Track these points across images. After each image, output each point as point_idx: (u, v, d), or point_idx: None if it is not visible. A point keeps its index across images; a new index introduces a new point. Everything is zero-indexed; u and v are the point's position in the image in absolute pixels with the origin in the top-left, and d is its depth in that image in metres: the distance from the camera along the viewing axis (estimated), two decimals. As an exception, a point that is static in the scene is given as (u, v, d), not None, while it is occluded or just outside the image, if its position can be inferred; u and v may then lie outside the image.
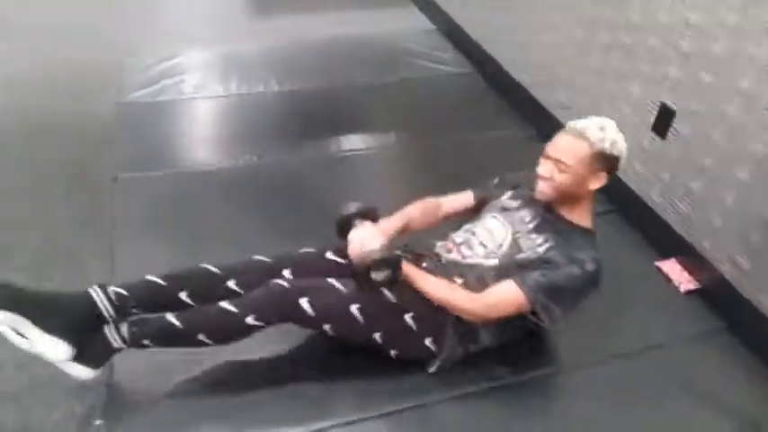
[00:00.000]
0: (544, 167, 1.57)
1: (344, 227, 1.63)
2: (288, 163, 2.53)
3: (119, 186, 2.31)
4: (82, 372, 1.45)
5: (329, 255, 1.67)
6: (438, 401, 1.61)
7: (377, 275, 1.48)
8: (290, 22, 3.90)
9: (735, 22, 1.81)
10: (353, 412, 1.57)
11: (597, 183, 1.57)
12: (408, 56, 3.48)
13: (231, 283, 1.56)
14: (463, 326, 1.58)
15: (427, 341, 1.59)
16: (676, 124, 2.08)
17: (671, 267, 2.12)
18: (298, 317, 1.49)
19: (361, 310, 1.51)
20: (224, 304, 1.47)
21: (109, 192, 2.27)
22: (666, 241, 2.16)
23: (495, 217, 1.70)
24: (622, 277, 2.08)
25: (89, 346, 1.44)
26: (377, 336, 1.55)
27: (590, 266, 1.51)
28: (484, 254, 1.63)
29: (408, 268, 1.55)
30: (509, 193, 1.76)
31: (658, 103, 2.14)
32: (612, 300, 1.98)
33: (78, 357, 1.42)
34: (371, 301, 1.52)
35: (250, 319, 1.46)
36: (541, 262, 1.54)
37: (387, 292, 1.54)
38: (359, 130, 2.80)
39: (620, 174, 2.31)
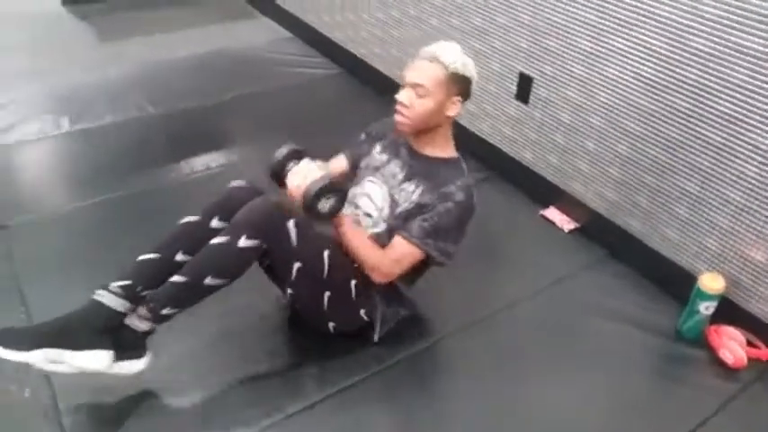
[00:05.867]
0: (403, 94, 1.61)
1: (280, 170, 1.66)
2: (158, 188, 2.48)
3: (8, 235, 2.18)
4: (131, 367, 1.51)
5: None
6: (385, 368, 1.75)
7: (323, 205, 1.51)
8: (141, 46, 3.80)
9: (568, -5, 2.13)
10: (315, 393, 1.66)
11: (454, 108, 1.62)
12: (274, 65, 3.56)
13: (215, 223, 1.61)
14: (385, 291, 1.71)
15: (362, 312, 1.72)
16: (535, 89, 2.39)
17: (552, 213, 2.42)
18: (278, 240, 1.52)
19: (330, 257, 1.59)
20: (214, 239, 1.50)
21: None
22: (544, 192, 2.47)
23: (371, 180, 1.76)
24: (513, 232, 2.38)
25: (123, 344, 1.49)
26: (326, 296, 1.63)
27: (459, 196, 1.60)
28: (372, 223, 1.72)
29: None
30: (378, 147, 1.80)
31: (517, 74, 2.43)
32: (508, 252, 2.28)
33: (120, 357, 1.48)
34: (338, 253, 1.61)
35: (243, 242, 1.47)
36: (419, 208, 1.62)
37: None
38: (240, 143, 2.83)
39: (493, 140, 2.63)
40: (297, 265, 1.57)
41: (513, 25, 2.38)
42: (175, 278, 1.49)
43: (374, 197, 1.73)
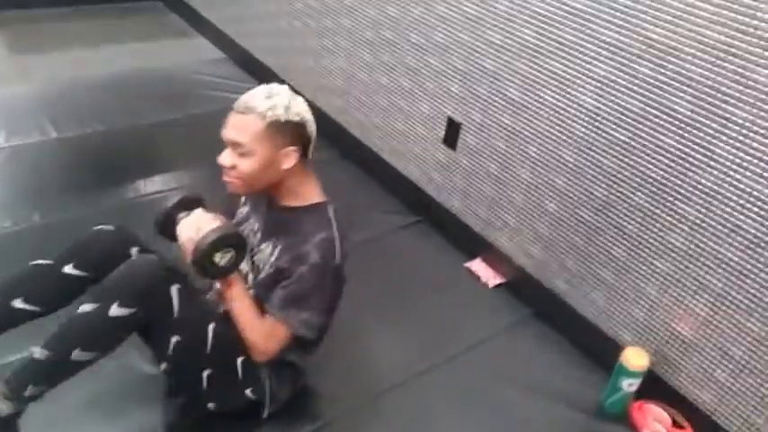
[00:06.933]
0: (224, 156, 1.38)
1: (168, 223, 1.45)
2: (78, 217, 2.25)
3: None
4: None
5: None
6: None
7: (221, 258, 1.32)
8: (59, 60, 3.52)
9: (499, 41, 2.01)
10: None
11: (289, 160, 1.38)
12: (200, 87, 3.34)
13: (68, 269, 1.43)
14: (275, 365, 1.50)
15: (248, 391, 1.49)
16: (463, 136, 2.25)
17: (478, 266, 2.28)
18: (157, 308, 1.31)
19: (215, 331, 1.37)
20: (82, 307, 1.29)
21: None
22: (470, 243, 2.33)
23: None
24: (435, 285, 2.22)
25: None
26: (205, 375, 1.41)
27: (314, 257, 1.36)
28: None
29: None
30: (243, 198, 1.61)
31: (446, 118, 2.29)
32: (428, 306, 2.11)
33: None
34: (227, 327, 1.40)
35: (115, 310, 1.26)
36: (278, 273, 1.40)
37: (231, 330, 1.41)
38: (155, 172, 2.60)
39: (422, 184, 2.48)
40: (175, 338, 1.35)
41: (445, 68, 2.25)
42: (38, 353, 1.27)
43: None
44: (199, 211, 1.43)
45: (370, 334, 1.94)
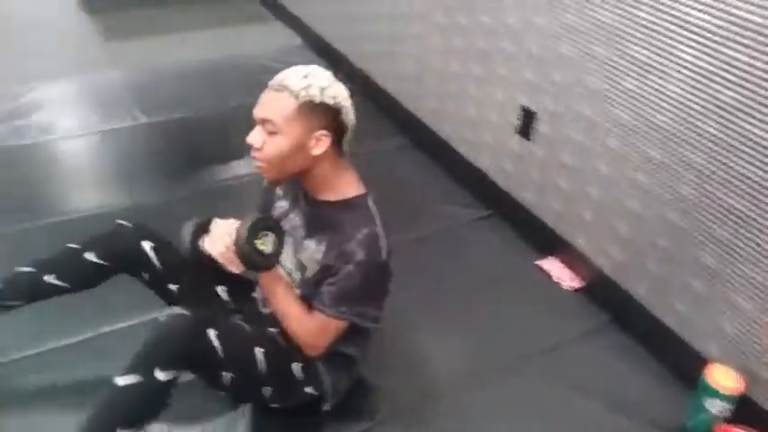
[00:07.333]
0: (253, 134, 1.31)
1: (198, 252, 1.42)
2: (167, 200, 2.34)
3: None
4: None
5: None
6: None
7: (263, 244, 1.28)
8: (150, 47, 3.66)
9: (574, 23, 1.84)
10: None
11: (320, 146, 1.30)
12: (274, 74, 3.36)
13: (89, 256, 1.51)
14: (329, 359, 1.48)
15: (307, 389, 1.48)
16: (538, 125, 2.10)
17: (551, 265, 2.14)
18: (202, 358, 1.28)
19: (264, 354, 1.37)
20: (120, 380, 1.21)
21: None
22: (544, 240, 2.19)
23: None
24: (503, 280, 2.11)
25: None
26: (266, 389, 1.42)
27: (360, 255, 1.30)
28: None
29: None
30: (279, 191, 1.53)
31: (520, 106, 2.15)
32: (495, 304, 2.00)
33: None
34: (271, 342, 1.40)
35: (159, 375, 1.21)
36: (325, 270, 1.35)
37: (279, 339, 1.41)
38: (239, 157, 2.62)
39: (494, 175, 2.36)
40: (228, 375, 1.34)
41: (519, 53, 2.10)
42: None
43: (283, 259, 1.44)
44: (215, 223, 1.39)
45: (432, 330, 1.87)
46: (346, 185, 1.39)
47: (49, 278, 1.49)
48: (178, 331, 1.27)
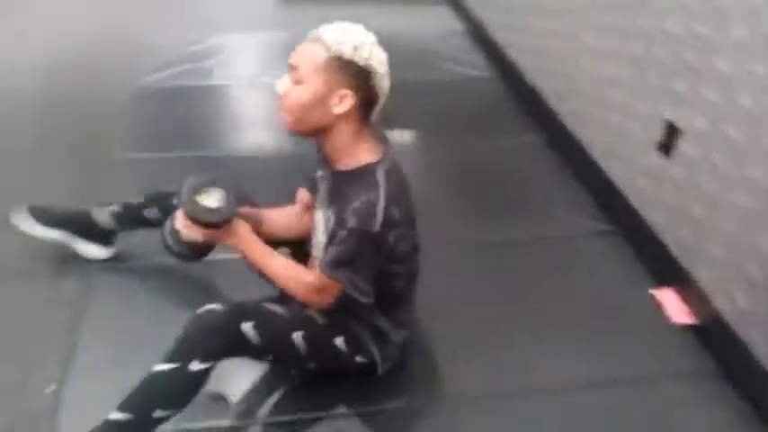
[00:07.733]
0: (281, 81, 1.32)
1: (178, 239, 1.48)
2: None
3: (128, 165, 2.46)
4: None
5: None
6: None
7: (208, 200, 1.36)
8: (319, 14, 3.86)
9: (739, 35, 1.65)
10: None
11: (343, 105, 1.28)
12: (432, 57, 3.42)
13: (147, 212, 1.79)
14: (367, 326, 1.50)
15: (357, 358, 1.52)
16: (681, 144, 1.92)
17: (666, 296, 1.96)
18: (239, 350, 1.35)
19: (303, 337, 1.41)
20: (159, 367, 1.29)
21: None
22: (664, 267, 2.01)
23: (315, 209, 1.52)
24: (610, 301, 1.98)
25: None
26: (313, 365, 1.50)
27: (352, 222, 1.28)
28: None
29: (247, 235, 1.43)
30: (319, 158, 1.53)
31: (665, 120, 1.98)
32: (594, 322, 1.89)
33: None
34: (309, 322, 1.45)
35: (195, 365, 1.28)
36: (329, 238, 1.35)
37: (317, 317, 1.45)
38: (390, 127, 2.74)
39: (624, 190, 2.20)
40: (269, 358, 1.44)
41: (673, 62, 1.92)
42: (116, 416, 1.27)
43: (317, 231, 1.48)
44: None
45: (523, 333, 1.83)
46: (362, 153, 1.36)
47: (148, 213, 1.76)
48: (213, 327, 1.30)
